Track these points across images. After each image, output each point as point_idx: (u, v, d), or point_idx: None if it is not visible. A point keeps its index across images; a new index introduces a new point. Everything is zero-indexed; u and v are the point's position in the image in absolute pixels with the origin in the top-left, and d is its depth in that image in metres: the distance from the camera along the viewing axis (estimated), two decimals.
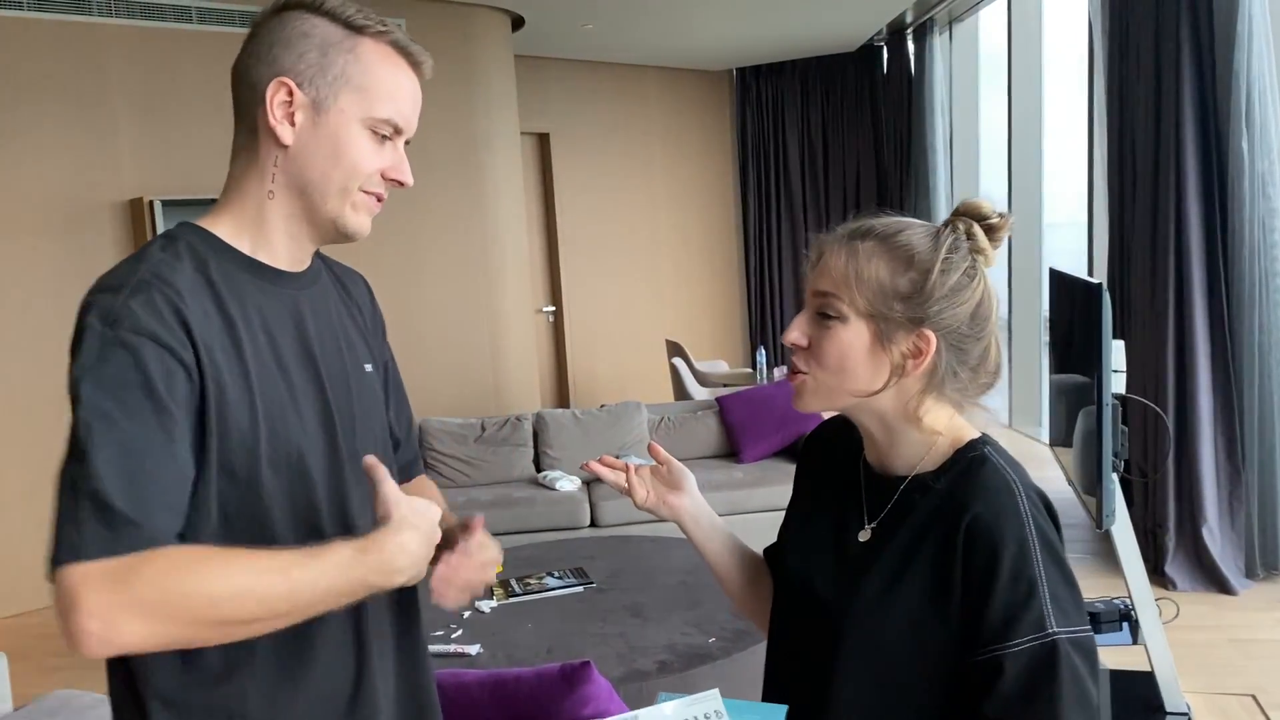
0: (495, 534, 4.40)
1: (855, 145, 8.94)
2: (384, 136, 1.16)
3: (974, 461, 1.12)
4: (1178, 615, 3.64)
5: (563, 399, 8.36)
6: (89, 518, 0.97)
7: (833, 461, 1.27)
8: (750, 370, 7.55)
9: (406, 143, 1.20)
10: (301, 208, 1.17)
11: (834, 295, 1.11)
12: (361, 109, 1.14)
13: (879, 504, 1.16)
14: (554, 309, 8.32)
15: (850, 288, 1.10)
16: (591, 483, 4.85)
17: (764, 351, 6.99)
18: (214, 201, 1.23)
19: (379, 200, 1.19)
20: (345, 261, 1.37)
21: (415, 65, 1.19)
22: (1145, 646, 2.73)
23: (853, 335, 1.10)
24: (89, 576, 0.95)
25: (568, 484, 4.72)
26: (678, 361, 6.84)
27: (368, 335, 1.32)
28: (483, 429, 4.99)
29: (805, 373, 1.14)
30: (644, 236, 8.74)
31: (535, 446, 5.01)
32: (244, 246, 1.16)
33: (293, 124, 1.13)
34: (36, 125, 4.78)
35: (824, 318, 1.12)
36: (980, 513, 1.06)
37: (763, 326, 9.24)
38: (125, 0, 4.94)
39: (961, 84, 7.76)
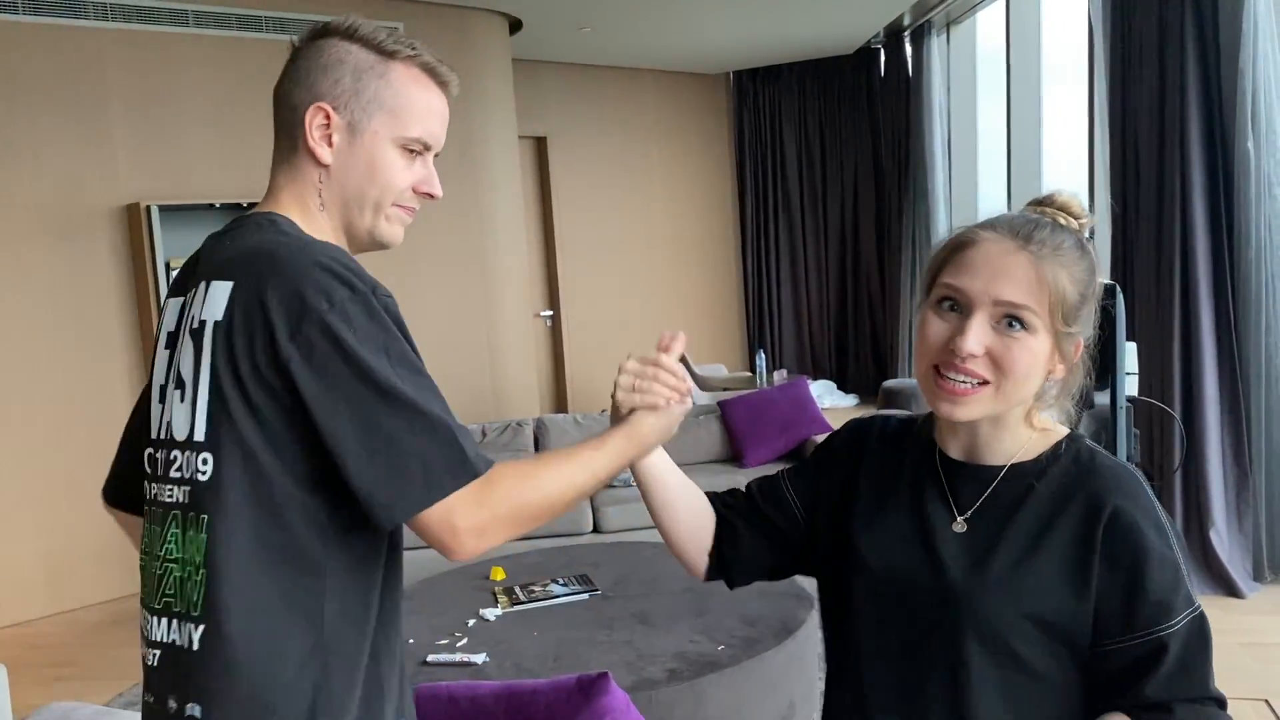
0: None
1: (853, 148, 8.93)
2: (414, 153, 1.26)
3: (1084, 451, 1.16)
4: None
5: (561, 404, 8.32)
6: (444, 454, 1.09)
7: (894, 457, 1.25)
8: (750, 374, 7.53)
9: (435, 156, 1.29)
10: (343, 220, 1.26)
11: (1026, 308, 1.09)
12: (394, 129, 1.23)
13: (967, 493, 1.18)
14: (552, 313, 8.29)
15: (1041, 300, 1.09)
16: None
17: (763, 355, 6.97)
18: (210, 206, 1.25)
19: (413, 211, 1.29)
20: None
21: (443, 84, 1.28)
22: None
23: (1040, 346, 1.11)
24: (462, 503, 1.09)
25: None
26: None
27: None
28: (483, 435, 4.96)
29: (989, 382, 1.11)
30: (642, 240, 8.71)
31: (536, 452, 4.97)
32: None
33: (330, 145, 1.22)
34: (32, 130, 4.74)
35: (1010, 328, 1.10)
36: (1120, 505, 1.10)
37: (761, 330, 9.22)
38: (121, 4, 4.90)
39: (959, 86, 7.75)
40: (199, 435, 1.14)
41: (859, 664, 1.22)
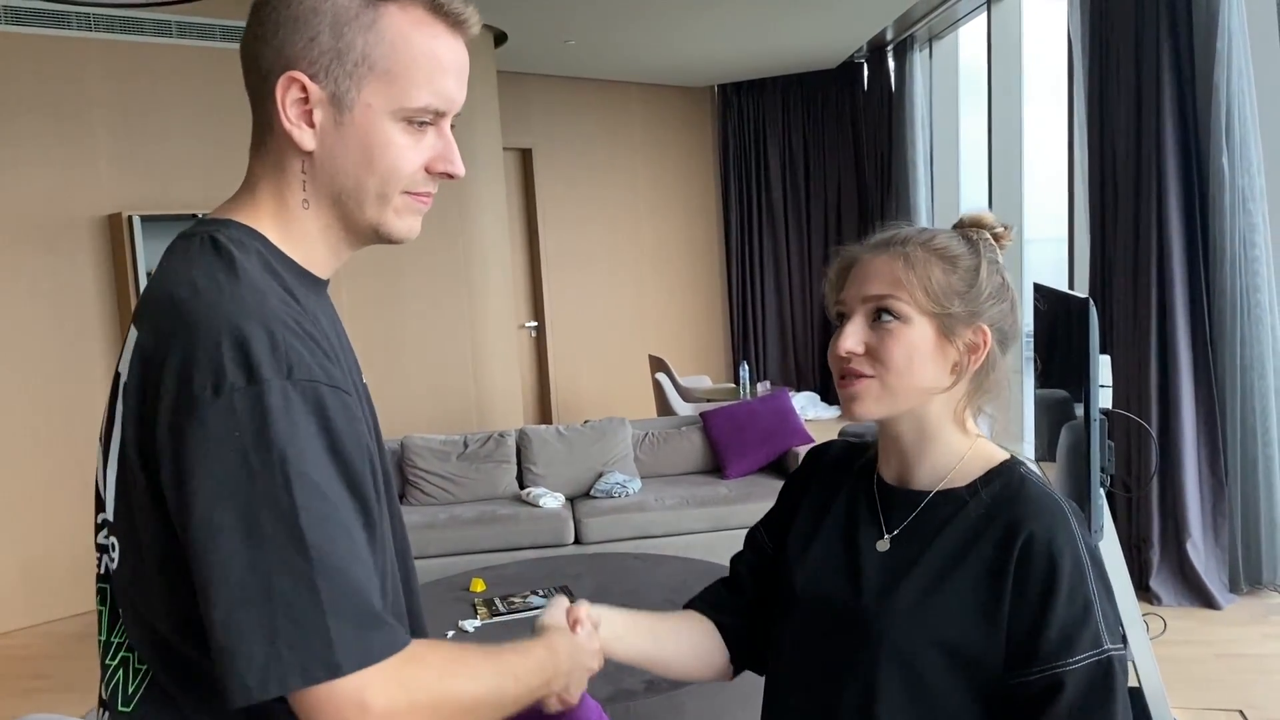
0: (478, 551, 4.36)
1: (836, 161, 8.98)
2: (424, 124, 0.97)
3: (1015, 479, 1.13)
4: (1165, 630, 3.64)
5: (545, 415, 8.32)
6: (350, 617, 0.83)
7: (835, 482, 1.26)
8: (733, 385, 7.55)
9: (453, 125, 1.01)
10: (337, 217, 1.00)
11: (891, 296, 1.12)
12: (392, 100, 0.94)
13: (897, 516, 1.17)
14: (536, 324, 8.29)
15: (909, 287, 1.11)
16: (575, 499, 4.82)
17: (746, 366, 6.99)
18: (192, 217, 1.13)
19: (429, 197, 1.02)
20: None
21: (457, 25, 0.98)
22: (1133, 662, 2.73)
23: (917, 333, 1.12)
24: (381, 678, 0.84)
25: (551, 501, 4.68)
26: (661, 377, 6.83)
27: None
28: (465, 446, 4.95)
29: (871, 376, 1.13)
30: (627, 252, 8.73)
31: (519, 463, 4.97)
32: (293, 254, 1.00)
33: (312, 125, 0.94)
34: (14, 140, 4.73)
35: (880, 321, 1.12)
36: (1035, 531, 1.06)
37: (745, 342, 9.25)
38: (104, 15, 4.89)
39: (942, 100, 7.81)
40: (109, 512, 0.95)
41: (784, 687, 1.23)
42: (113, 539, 0.94)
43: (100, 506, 0.98)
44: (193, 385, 0.83)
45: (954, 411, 1.16)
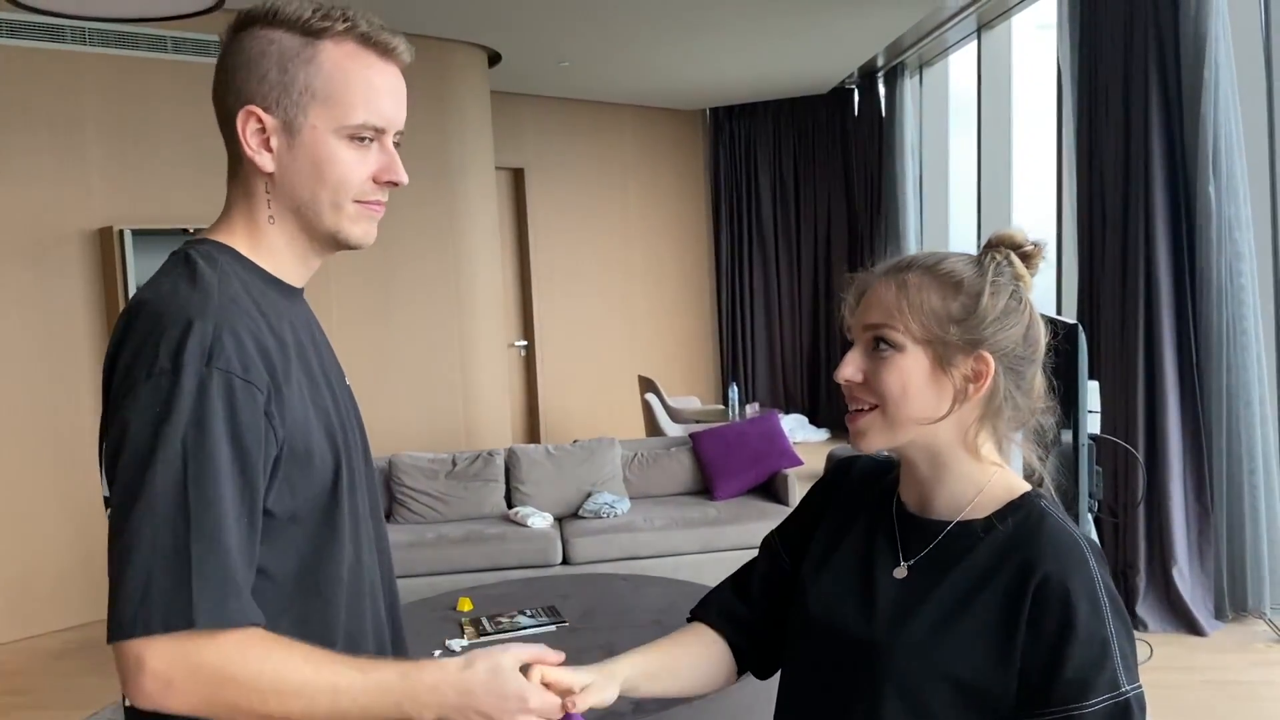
0: (466, 571, 4.33)
1: (826, 185, 9.04)
2: (366, 140, 1.11)
3: (1034, 513, 1.10)
4: (1151, 656, 3.64)
5: (534, 434, 8.31)
6: (214, 582, 0.95)
7: (858, 502, 1.24)
8: (723, 407, 7.56)
9: (398, 142, 1.15)
10: (301, 228, 1.14)
11: (886, 325, 1.11)
12: (333, 120, 1.09)
13: (915, 544, 1.14)
14: (526, 343, 8.29)
15: (902, 315, 1.10)
16: (564, 519, 4.81)
17: (736, 388, 7.00)
18: (184, 231, 1.20)
19: (380, 205, 1.15)
20: (319, 293, 1.36)
21: (387, 53, 1.12)
22: None
23: (911, 362, 1.10)
24: (160, 644, 0.94)
25: (540, 520, 4.67)
26: (651, 397, 6.83)
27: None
28: (454, 464, 4.94)
29: (873, 407, 1.12)
30: (617, 272, 8.75)
31: (507, 482, 4.96)
32: (263, 264, 1.15)
33: (270, 150, 1.10)
34: (6, 152, 4.72)
35: (877, 350, 1.11)
36: (1051, 571, 1.04)
37: (734, 363, 9.26)
38: (100, 29, 4.90)
39: (931, 127, 7.87)
40: (105, 491, 1.06)
41: (794, 710, 1.21)
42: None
43: (106, 503, 1.07)
44: (134, 370, 0.99)
45: (964, 440, 1.12)
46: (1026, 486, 1.14)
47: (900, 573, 1.13)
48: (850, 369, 1.12)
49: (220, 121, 1.14)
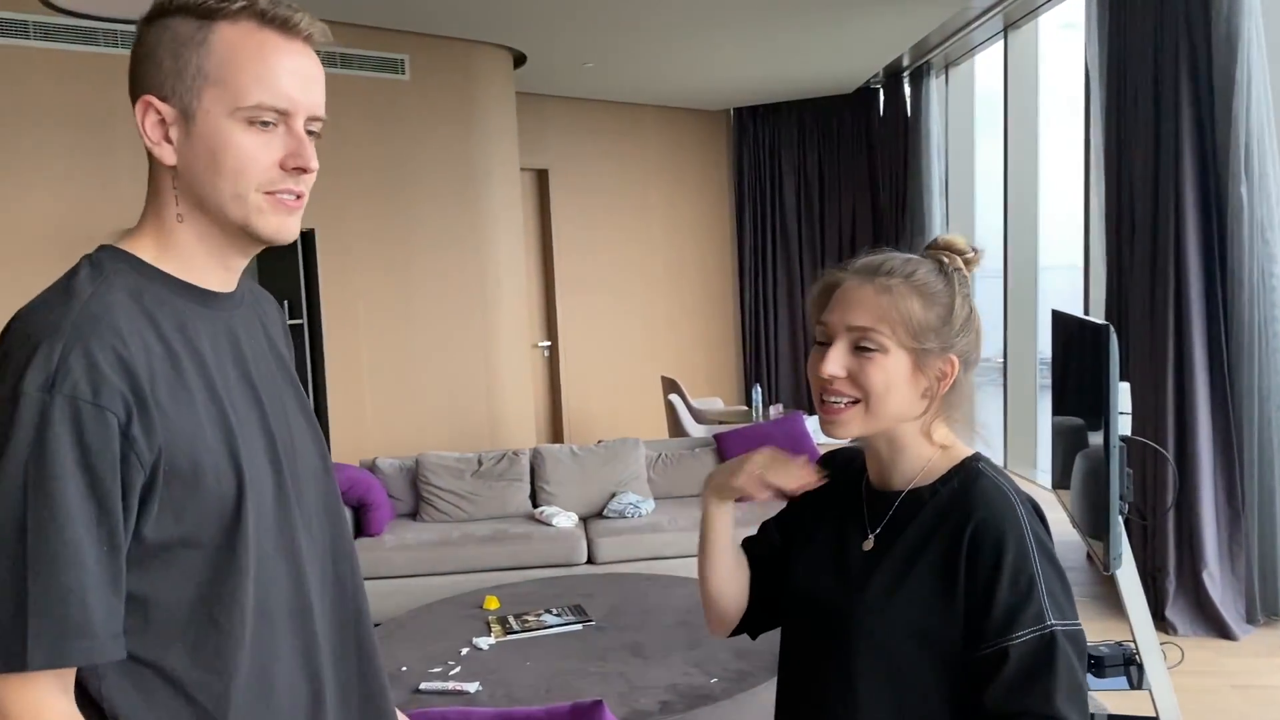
0: (491, 569, 4.35)
1: (851, 186, 9.01)
2: (268, 124, 1.03)
3: (971, 474, 1.23)
4: (1182, 660, 3.61)
5: (557, 434, 8.33)
6: (52, 620, 0.91)
7: (834, 488, 1.34)
8: (746, 408, 7.55)
9: (314, 132, 1.07)
10: (209, 224, 1.06)
11: (874, 330, 1.20)
12: (226, 103, 1.01)
13: (879, 517, 1.26)
14: (549, 344, 8.32)
15: (890, 322, 1.19)
16: (588, 519, 4.82)
17: (760, 389, 6.99)
18: None
19: (295, 197, 1.06)
20: (346, 294, 1.32)
21: (288, 30, 1.04)
22: (1150, 693, 2.71)
23: (894, 364, 1.20)
24: (29, 689, 0.91)
25: (564, 520, 4.68)
26: (674, 398, 6.83)
27: (289, 359, 1.24)
28: (479, 464, 4.97)
29: (854, 402, 1.21)
30: (640, 273, 8.76)
31: (532, 482, 4.98)
32: (170, 269, 1.07)
33: (170, 141, 1.03)
34: (37, 151, 4.78)
35: (862, 350, 1.21)
36: (984, 517, 1.16)
37: (758, 364, 9.25)
38: (132, 32, 4.95)
39: (957, 127, 7.84)
40: None
41: (786, 683, 1.32)
42: None
43: None
44: None
45: (921, 427, 1.25)
46: (969, 452, 1.26)
47: (868, 544, 1.25)
48: (835, 365, 1.21)
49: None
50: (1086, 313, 5.33)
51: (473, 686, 2.87)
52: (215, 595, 1.01)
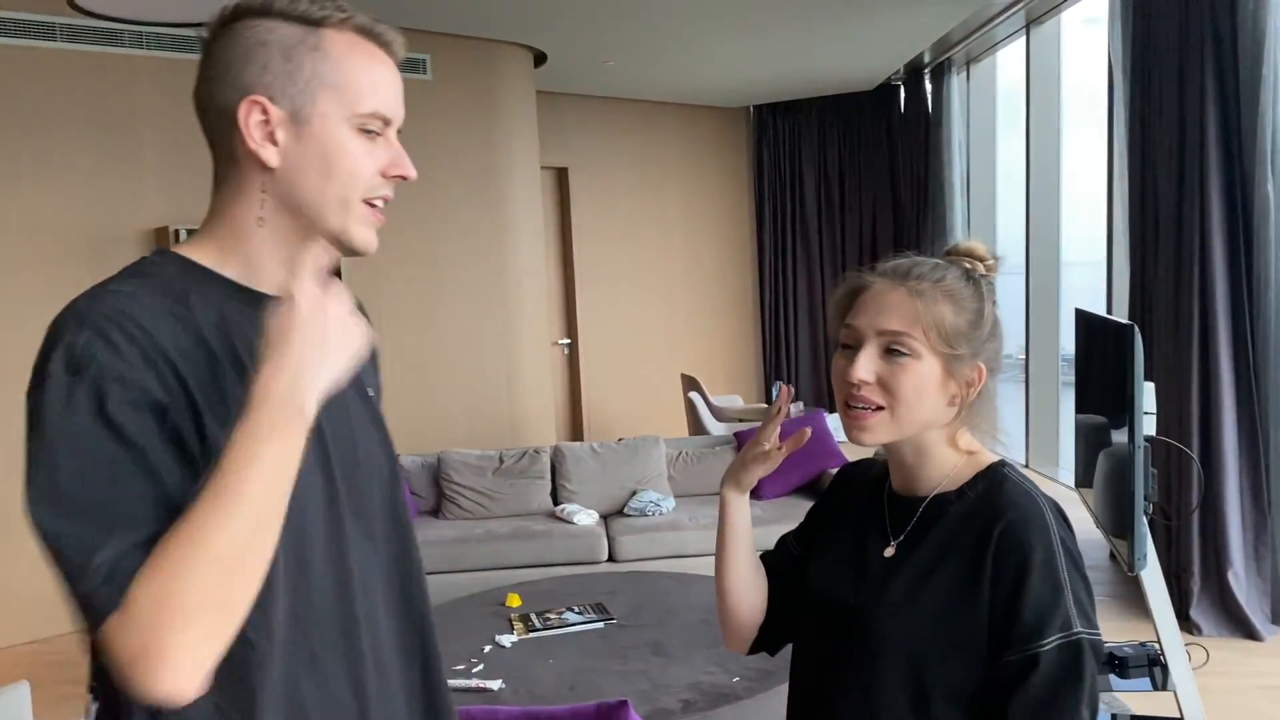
0: (513, 567, 4.37)
1: (872, 183, 8.98)
2: (373, 133, 1.05)
3: (998, 479, 1.21)
4: (1207, 661, 3.58)
5: (577, 432, 8.35)
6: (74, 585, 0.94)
7: (854, 496, 1.34)
8: (765, 406, 7.54)
9: (399, 133, 1.09)
10: (297, 228, 1.05)
11: (907, 334, 1.18)
12: (344, 107, 1.02)
13: (902, 523, 1.24)
14: (570, 341, 8.33)
15: (923, 326, 1.17)
16: (609, 516, 4.83)
17: (780, 386, 6.97)
18: None
19: (384, 202, 1.08)
20: (368, 292, 1.30)
21: (386, 46, 1.07)
22: (1175, 694, 2.69)
23: (926, 370, 1.18)
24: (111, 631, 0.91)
25: (585, 518, 4.70)
26: (694, 396, 6.83)
27: (367, 369, 1.20)
28: (500, 461, 4.99)
29: (881, 408, 1.19)
30: (660, 271, 8.77)
31: (553, 479, 5.00)
32: (231, 273, 1.07)
33: (275, 143, 1.03)
34: (64, 153, 4.83)
35: (892, 355, 1.18)
36: (1012, 519, 1.15)
37: (777, 362, 9.24)
38: (156, 33, 5.00)
39: (979, 124, 7.80)
40: None
41: (799, 688, 1.32)
42: None
43: None
44: (33, 369, 0.95)
45: (947, 433, 1.23)
46: (994, 458, 1.24)
47: (889, 551, 1.24)
48: (865, 370, 1.18)
49: (208, 121, 1.08)
50: (1109, 310, 5.29)
51: (496, 684, 2.89)
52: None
